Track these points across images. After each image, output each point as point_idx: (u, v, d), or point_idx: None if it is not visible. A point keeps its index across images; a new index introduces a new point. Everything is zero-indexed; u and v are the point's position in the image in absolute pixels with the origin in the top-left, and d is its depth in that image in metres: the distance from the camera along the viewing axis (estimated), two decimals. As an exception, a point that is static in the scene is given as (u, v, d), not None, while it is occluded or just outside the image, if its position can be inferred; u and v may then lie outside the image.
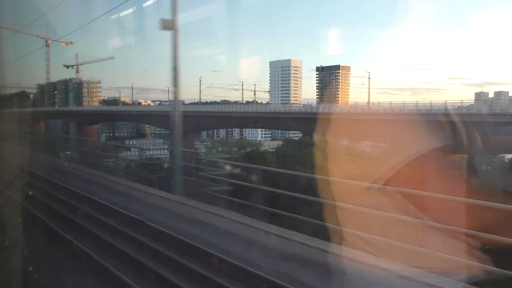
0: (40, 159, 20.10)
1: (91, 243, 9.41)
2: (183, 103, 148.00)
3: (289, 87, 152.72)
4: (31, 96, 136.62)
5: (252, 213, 10.53)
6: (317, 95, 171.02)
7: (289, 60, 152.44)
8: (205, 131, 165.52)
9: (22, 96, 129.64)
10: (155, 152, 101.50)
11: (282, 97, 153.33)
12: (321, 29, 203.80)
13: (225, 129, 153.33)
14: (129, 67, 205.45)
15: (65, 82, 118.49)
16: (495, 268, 5.32)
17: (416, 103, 54.54)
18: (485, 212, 5.31)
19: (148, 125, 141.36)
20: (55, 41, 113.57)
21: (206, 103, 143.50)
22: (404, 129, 5.00)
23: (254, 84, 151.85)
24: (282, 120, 65.44)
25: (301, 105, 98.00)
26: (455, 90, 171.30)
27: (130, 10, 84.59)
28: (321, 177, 6.73)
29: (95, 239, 9.61)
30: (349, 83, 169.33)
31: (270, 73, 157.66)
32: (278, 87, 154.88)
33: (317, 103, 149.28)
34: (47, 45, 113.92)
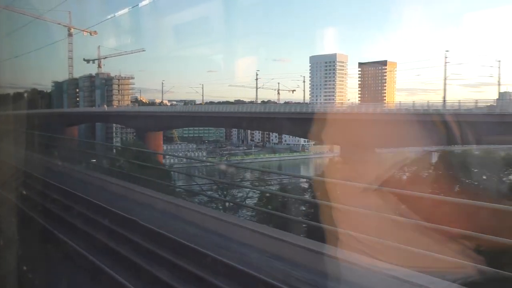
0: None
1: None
2: (194, 103, 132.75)
3: (334, 84, 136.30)
4: (47, 94, 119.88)
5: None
6: (359, 94, 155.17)
7: (335, 54, 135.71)
8: (236, 134, 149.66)
9: (35, 95, 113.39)
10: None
11: (325, 96, 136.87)
12: (315, 30, 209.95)
13: (260, 132, 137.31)
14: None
15: (90, 78, 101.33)
16: (487, 268, 5.57)
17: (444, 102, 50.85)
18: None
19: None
20: (78, 30, 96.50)
21: (219, 103, 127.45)
22: None
23: (278, 83, 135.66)
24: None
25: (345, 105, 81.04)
26: (451, 91, 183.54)
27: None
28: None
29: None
30: (395, 80, 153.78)
31: (310, 69, 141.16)
32: (320, 85, 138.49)
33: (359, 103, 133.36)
34: (69, 35, 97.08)
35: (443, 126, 34.78)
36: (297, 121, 49.18)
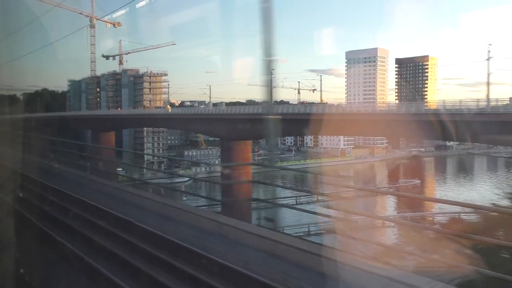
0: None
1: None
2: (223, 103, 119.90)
3: (375, 82, 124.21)
4: (60, 95, 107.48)
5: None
6: (396, 92, 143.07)
7: (375, 49, 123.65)
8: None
9: (46, 97, 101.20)
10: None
11: (364, 95, 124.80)
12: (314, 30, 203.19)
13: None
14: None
15: (114, 75, 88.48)
16: (482, 269, 5.65)
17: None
18: None
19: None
20: (101, 21, 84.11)
21: (231, 103, 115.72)
22: None
23: (298, 82, 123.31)
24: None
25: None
26: (448, 90, 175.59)
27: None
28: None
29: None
30: (436, 78, 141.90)
31: (346, 65, 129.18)
32: (358, 83, 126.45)
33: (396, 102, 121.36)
34: (91, 26, 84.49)
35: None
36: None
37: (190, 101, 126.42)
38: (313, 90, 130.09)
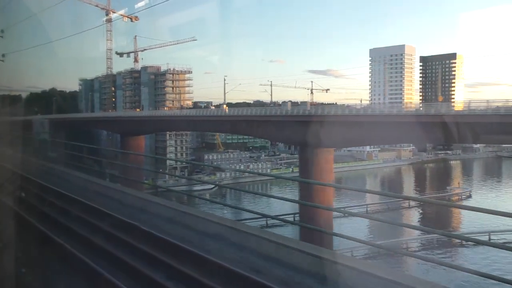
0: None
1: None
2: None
3: (402, 81, 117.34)
4: (70, 95, 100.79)
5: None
6: (420, 92, 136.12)
7: (403, 46, 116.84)
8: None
9: (56, 98, 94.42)
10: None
11: (390, 94, 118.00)
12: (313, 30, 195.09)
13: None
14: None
15: (132, 73, 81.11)
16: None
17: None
18: None
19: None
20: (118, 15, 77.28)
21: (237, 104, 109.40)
22: None
23: (311, 81, 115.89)
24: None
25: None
26: None
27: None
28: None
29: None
30: (463, 76, 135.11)
31: (371, 63, 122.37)
32: (383, 82, 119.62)
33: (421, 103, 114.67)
34: (107, 20, 77.53)
35: None
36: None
37: (200, 102, 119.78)
38: (326, 90, 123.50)
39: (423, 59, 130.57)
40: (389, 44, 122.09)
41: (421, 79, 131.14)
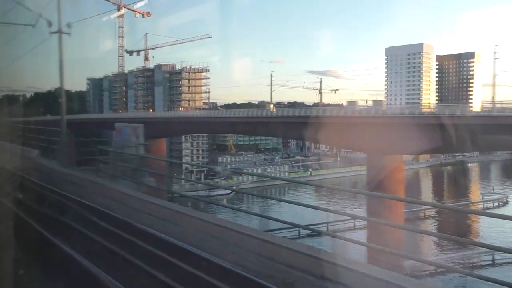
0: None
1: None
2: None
3: (420, 81, 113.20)
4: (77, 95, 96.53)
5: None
6: (436, 93, 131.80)
7: (421, 44, 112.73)
8: (295, 141, 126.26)
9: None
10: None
11: (407, 95, 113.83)
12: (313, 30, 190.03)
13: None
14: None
15: (144, 72, 76.70)
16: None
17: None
18: None
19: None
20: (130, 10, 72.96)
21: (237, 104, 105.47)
22: None
23: (320, 81, 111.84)
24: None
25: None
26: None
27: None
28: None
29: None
30: (480, 76, 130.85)
31: (387, 62, 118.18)
32: (400, 82, 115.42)
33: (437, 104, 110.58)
34: (119, 16, 73.22)
35: None
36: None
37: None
38: (335, 90, 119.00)
39: (439, 58, 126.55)
40: (389, 45, 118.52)
41: (437, 79, 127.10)
